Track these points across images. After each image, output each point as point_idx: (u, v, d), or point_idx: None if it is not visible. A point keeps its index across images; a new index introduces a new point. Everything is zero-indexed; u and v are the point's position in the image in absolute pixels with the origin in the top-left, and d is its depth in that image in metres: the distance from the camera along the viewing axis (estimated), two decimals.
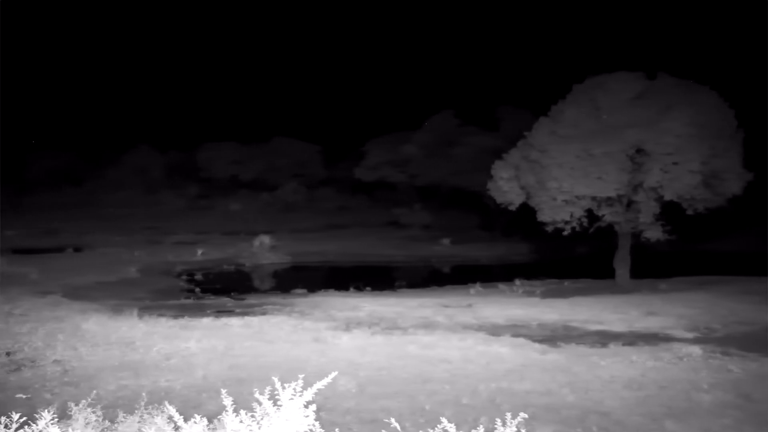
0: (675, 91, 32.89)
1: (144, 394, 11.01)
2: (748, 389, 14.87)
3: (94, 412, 8.42)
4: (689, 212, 32.71)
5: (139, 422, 8.21)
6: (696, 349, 18.71)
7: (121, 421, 8.31)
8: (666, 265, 40.56)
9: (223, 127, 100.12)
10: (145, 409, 8.81)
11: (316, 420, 6.74)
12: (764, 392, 14.68)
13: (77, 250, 49.03)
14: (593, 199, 32.44)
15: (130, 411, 9.03)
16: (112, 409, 10.73)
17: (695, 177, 30.83)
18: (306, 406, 6.76)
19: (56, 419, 6.84)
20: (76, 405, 8.36)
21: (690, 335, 21.63)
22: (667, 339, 20.98)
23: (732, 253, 49.54)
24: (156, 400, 11.24)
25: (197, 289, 35.52)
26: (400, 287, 37.18)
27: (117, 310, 25.70)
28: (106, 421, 8.30)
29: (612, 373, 16.34)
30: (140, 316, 23.84)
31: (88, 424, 8.08)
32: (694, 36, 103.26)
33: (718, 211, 33.90)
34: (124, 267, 40.42)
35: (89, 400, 8.68)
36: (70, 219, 67.09)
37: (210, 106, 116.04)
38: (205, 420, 6.86)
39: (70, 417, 8.12)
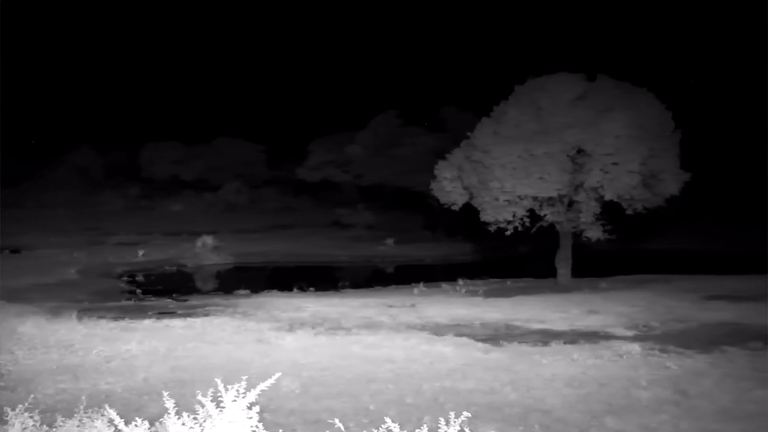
0: (614, 92, 33.43)
1: (83, 397, 10.81)
2: (685, 385, 15.19)
3: (31, 417, 8.27)
4: (629, 212, 33.29)
5: (78, 426, 8.09)
6: (635, 347, 19.04)
7: (60, 426, 8.17)
8: (606, 264, 41.20)
9: (165, 126, 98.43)
10: (85, 412, 8.66)
11: (259, 421, 6.73)
12: (700, 388, 15.01)
13: (14, 251, 47.77)
14: (535, 199, 32.79)
15: (69, 415, 8.87)
16: (50, 413, 10.50)
17: (634, 177, 31.40)
18: (249, 408, 6.75)
19: None
20: (13, 410, 8.21)
21: (629, 333, 22.01)
22: (608, 337, 21.31)
23: (669, 252, 50.67)
24: (96, 403, 11.06)
25: (138, 291, 35.06)
26: (344, 287, 37.17)
27: (55, 312, 25.12)
28: (44, 426, 8.17)
29: (553, 371, 16.55)
30: (79, 319, 23.36)
31: (25, 429, 7.95)
32: (632, 37, 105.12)
33: (656, 211, 34.65)
34: (63, 268, 39.62)
35: (26, 404, 8.52)
36: (6, 220, 65.37)
37: (152, 105, 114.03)
38: (146, 423, 6.80)
39: (6, 422, 7.96)
